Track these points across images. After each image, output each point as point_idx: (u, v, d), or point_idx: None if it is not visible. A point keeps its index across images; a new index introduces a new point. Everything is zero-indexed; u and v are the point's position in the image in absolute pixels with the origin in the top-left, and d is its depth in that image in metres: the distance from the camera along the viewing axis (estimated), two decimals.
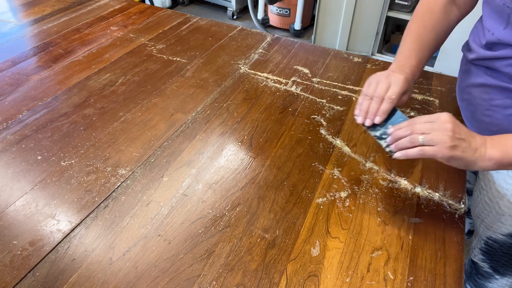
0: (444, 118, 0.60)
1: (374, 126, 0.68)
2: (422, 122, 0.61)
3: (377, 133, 0.68)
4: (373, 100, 0.68)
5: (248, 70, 1.12)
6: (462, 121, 0.79)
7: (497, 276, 1.01)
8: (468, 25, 0.94)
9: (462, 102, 0.85)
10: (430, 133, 0.59)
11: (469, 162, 0.60)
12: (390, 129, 0.65)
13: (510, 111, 0.70)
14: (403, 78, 0.69)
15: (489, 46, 0.71)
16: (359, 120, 0.70)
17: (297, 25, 3.16)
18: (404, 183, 0.78)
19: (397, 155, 0.62)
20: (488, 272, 0.97)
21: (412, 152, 0.61)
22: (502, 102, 0.71)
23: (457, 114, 0.96)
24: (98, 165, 0.80)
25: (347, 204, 0.73)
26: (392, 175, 0.80)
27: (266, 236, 0.67)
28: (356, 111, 0.71)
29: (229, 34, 1.30)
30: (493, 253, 0.92)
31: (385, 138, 0.66)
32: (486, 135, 0.63)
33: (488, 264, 0.94)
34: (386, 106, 0.68)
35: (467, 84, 0.81)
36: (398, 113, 0.69)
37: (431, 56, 0.78)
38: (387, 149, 0.65)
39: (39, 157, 0.81)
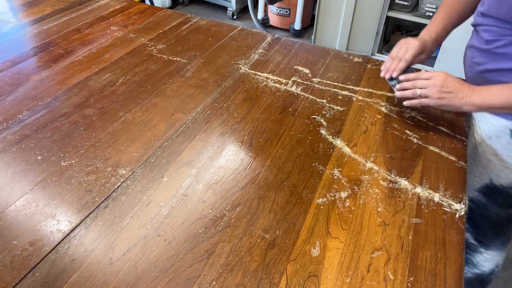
0: (437, 76, 0.82)
1: (392, 79, 0.93)
2: (423, 78, 0.84)
3: (393, 83, 0.93)
4: (394, 60, 0.92)
5: (248, 70, 1.12)
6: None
7: (481, 249, 1.03)
8: (467, 24, 0.95)
9: (463, 62, 1.00)
10: (426, 88, 0.82)
11: (456, 107, 0.80)
12: (402, 77, 0.90)
13: (482, 67, 0.86)
14: (418, 44, 0.90)
15: (480, 14, 0.87)
16: (382, 74, 0.94)
17: (297, 25, 3.16)
18: (404, 183, 0.78)
19: (405, 103, 0.87)
20: (474, 244, 1.00)
21: (414, 102, 0.85)
22: (477, 60, 0.88)
23: (457, 114, 0.96)
24: (98, 165, 0.80)
25: (347, 204, 0.73)
26: (392, 175, 0.80)
27: (266, 236, 0.67)
28: (382, 67, 0.95)
29: (229, 34, 1.30)
30: (473, 219, 0.98)
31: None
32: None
33: (471, 234, 1.00)
34: (401, 65, 0.91)
35: (466, 46, 0.96)
36: (411, 68, 0.93)
37: (459, 23, 0.97)
38: (396, 95, 0.90)
39: (39, 157, 0.81)
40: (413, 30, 2.85)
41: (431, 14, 2.43)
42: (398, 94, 0.88)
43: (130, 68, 1.11)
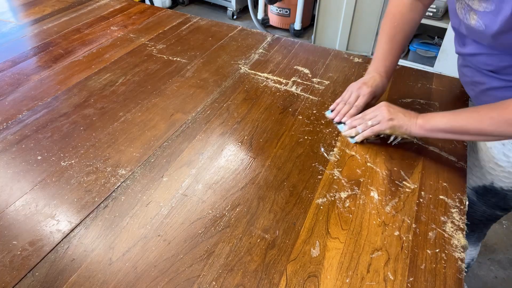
0: (382, 105, 0.84)
1: (339, 122, 0.93)
2: (369, 113, 0.86)
3: (341, 125, 0.92)
4: (346, 105, 0.92)
5: (248, 70, 1.12)
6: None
7: None
8: None
9: (460, 79, 0.99)
10: (375, 117, 0.84)
11: (406, 129, 0.80)
12: (348, 120, 0.90)
13: (485, 86, 0.83)
14: (370, 91, 0.90)
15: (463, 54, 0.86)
16: (331, 115, 0.93)
17: (297, 25, 3.16)
18: (404, 183, 0.78)
19: (357, 138, 0.86)
20: None
21: (366, 132, 0.85)
22: (479, 79, 0.85)
23: None
24: (98, 165, 0.80)
25: (347, 204, 0.73)
26: (392, 175, 0.80)
27: (266, 236, 0.67)
28: (332, 107, 0.95)
29: (229, 34, 1.30)
30: None
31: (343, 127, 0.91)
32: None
33: None
34: (352, 111, 0.91)
35: (458, 64, 0.95)
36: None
37: (403, 52, 0.96)
38: (344, 134, 0.89)
39: (39, 157, 0.81)
40: None
41: (431, 14, 2.43)
42: (347, 133, 0.88)
43: (130, 68, 1.11)
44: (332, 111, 0.94)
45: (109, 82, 1.04)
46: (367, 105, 0.91)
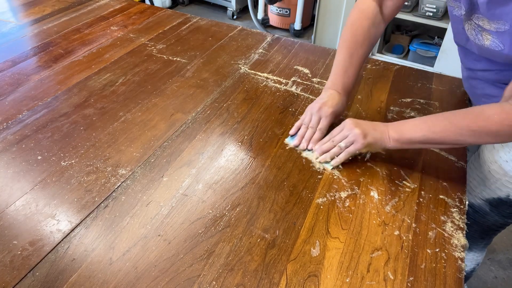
0: (348, 123, 0.79)
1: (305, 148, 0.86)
2: (337, 134, 0.81)
3: (309, 152, 0.85)
4: (309, 130, 0.86)
5: (248, 70, 1.12)
6: None
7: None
8: None
9: (466, 89, 0.96)
10: (346, 137, 0.79)
11: (381, 144, 0.77)
12: (316, 146, 0.84)
13: (499, 98, 0.80)
14: (332, 112, 0.85)
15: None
16: (295, 142, 0.86)
17: (297, 25, 3.16)
18: (404, 183, 0.78)
19: (333, 163, 0.80)
20: None
21: (342, 156, 0.80)
22: (491, 92, 0.83)
23: None
24: (98, 165, 0.80)
25: (347, 204, 0.73)
26: (392, 175, 0.80)
27: (266, 236, 0.67)
28: (292, 131, 0.88)
29: (229, 34, 1.30)
30: None
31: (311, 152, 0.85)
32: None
33: None
34: (317, 136, 0.85)
35: (465, 76, 0.92)
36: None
37: (361, 68, 0.91)
38: (318, 160, 0.82)
39: (39, 157, 0.81)
40: (413, 30, 2.85)
41: (431, 14, 2.43)
42: (320, 158, 0.81)
43: (130, 68, 1.11)
44: (292, 136, 0.88)
45: (109, 82, 1.04)
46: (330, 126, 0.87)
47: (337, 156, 0.80)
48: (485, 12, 0.69)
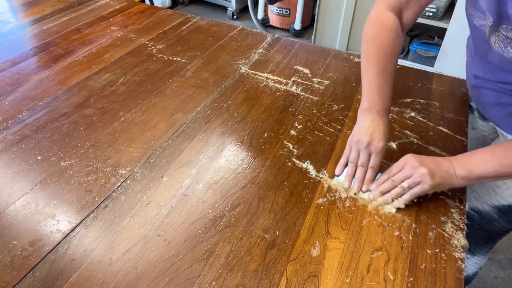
0: (411, 161, 0.71)
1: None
2: (396, 172, 0.73)
3: (361, 193, 0.76)
4: (359, 169, 0.77)
5: (248, 70, 1.12)
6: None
7: (468, 255, 1.03)
8: (465, 24, 0.94)
9: (474, 97, 0.91)
10: (410, 177, 0.71)
11: (447, 183, 0.70)
12: (373, 185, 0.76)
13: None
14: (383, 146, 0.76)
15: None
16: (346, 184, 0.77)
17: (297, 25, 3.16)
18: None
19: (395, 204, 0.72)
20: None
21: (407, 197, 0.71)
22: (505, 100, 0.79)
23: (457, 114, 0.96)
24: (98, 165, 0.80)
25: (347, 204, 0.73)
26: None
27: (266, 236, 0.67)
28: (338, 170, 0.79)
29: (229, 34, 1.30)
30: (469, 228, 0.95)
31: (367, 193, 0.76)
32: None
33: None
34: (371, 175, 0.76)
35: (472, 83, 0.87)
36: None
37: (393, 82, 0.83)
38: (377, 204, 0.74)
39: (39, 157, 0.81)
40: (413, 30, 2.85)
41: (431, 14, 2.43)
42: (382, 199, 0.73)
43: (130, 68, 1.11)
44: (338, 176, 0.79)
45: (109, 82, 1.04)
46: None
47: (399, 197, 0.72)
48: None
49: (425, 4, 0.82)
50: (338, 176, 0.79)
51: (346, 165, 0.79)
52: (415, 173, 0.70)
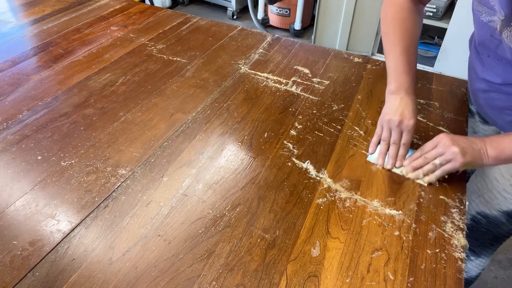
0: (444, 140, 0.74)
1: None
2: (430, 149, 0.76)
3: (395, 168, 0.81)
4: (392, 146, 0.81)
5: (248, 70, 1.12)
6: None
7: (472, 257, 1.03)
8: (465, 24, 0.94)
9: (473, 98, 0.92)
10: (442, 155, 0.74)
11: (478, 162, 0.72)
12: (406, 161, 0.80)
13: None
14: (413, 124, 0.79)
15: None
16: (379, 162, 0.81)
17: (297, 25, 3.16)
18: (404, 183, 0.78)
19: (427, 180, 0.76)
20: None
21: (438, 173, 0.75)
22: (506, 104, 0.80)
23: (457, 114, 0.96)
24: (98, 165, 0.80)
25: (347, 204, 0.73)
26: (392, 175, 0.80)
27: (266, 236, 0.67)
28: (372, 150, 0.83)
29: (229, 34, 1.30)
30: (475, 231, 0.95)
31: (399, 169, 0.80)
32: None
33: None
34: (403, 152, 0.80)
35: (473, 82, 0.87)
36: (410, 150, 0.82)
37: (417, 61, 0.85)
38: (409, 176, 0.78)
39: (39, 157, 0.81)
40: None
41: (431, 14, 2.43)
42: (414, 174, 0.77)
43: (130, 68, 1.11)
44: (372, 153, 0.83)
45: (109, 82, 1.04)
46: None
47: (431, 173, 0.76)
48: None
49: None
50: (371, 154, 0.83)
51: (378, 144, 0.83)
52: (447, 151, 0.73)
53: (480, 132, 0.99)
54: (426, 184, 0.76)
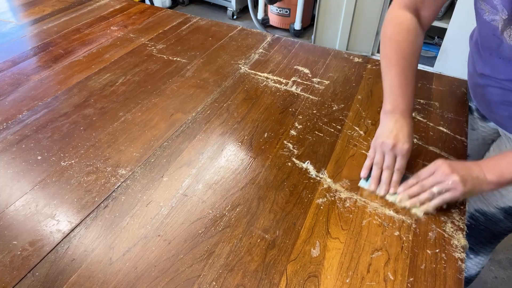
0: (442, 167, 0.70)
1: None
2: (427, 176, 0.72)
3: (388, 195, 0.76)
4: (385, 171, 0.76)
5: (248, 70, 1.12)
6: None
7: (471, 255, 1.03)
8: (465, 24, 0.94)
9: (475, 95, 0.90)
10: (441, 183, 0.69)
11: (478, 189, 0.69)
12: (400, 188, 0.75)
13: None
14: (407, 148, 0.75)
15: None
16: (372, 187, 0.76)
17: (297, 25, 3.16)
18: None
19: (423, 209, 0.71)
20: None
21: (436, 202, 0.70)
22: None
23: (457, 114, 0.96)
24: (98, 165, 0.80)
25: (347, 204, 0.73)
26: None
27: (266, 236, 0.67)
28: (364, 173, 0.78)
29: (229, 34, 1.30)
30: (474, 229, 0.95)
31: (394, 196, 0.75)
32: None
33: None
34: (397, 178, 0.75)
35: (475, 77, 0.86)
36: (405, 176, 0.77)
37: (417, 83, 0.81)
38: (404, 205, 0.73)
39: (39, 157, 0.81)
40: None
41: None
42: (410, 203, 0.72)
43: (130, 68, 1.11)
44: (365, 178, 0.78)
45: (109, 82, 1.04)
46: None
47: (428, 201, 0.71)
48: None
49: (441, 3, 0.81)
50: (365, 178, 0.78)
51: (371, 168, 0.78)
52: (446, 179, 0.69)
53: (478, 128, 0.99)
54: (421, 215, 0.71)
